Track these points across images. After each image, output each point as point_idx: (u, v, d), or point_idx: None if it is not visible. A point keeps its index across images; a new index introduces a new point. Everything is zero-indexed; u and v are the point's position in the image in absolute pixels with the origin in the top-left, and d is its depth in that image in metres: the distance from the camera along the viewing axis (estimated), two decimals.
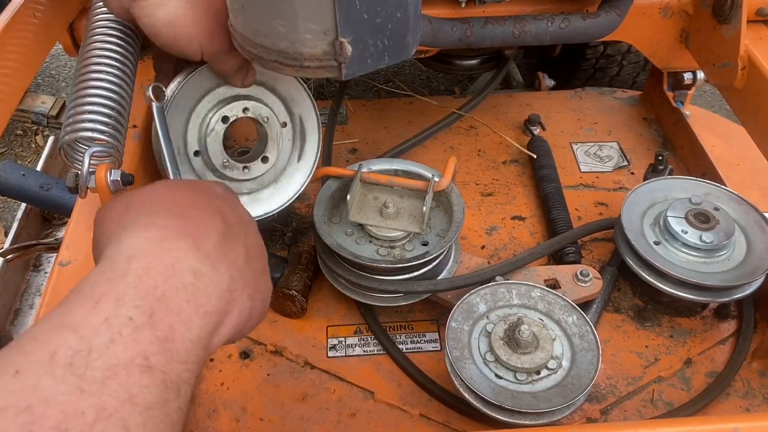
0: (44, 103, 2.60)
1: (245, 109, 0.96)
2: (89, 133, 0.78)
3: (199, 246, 0.54)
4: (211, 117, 0.95)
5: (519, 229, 1.31)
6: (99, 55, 0.85)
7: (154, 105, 0.82)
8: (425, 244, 1.11)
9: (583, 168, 1.45)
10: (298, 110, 1.03)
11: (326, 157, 1.38)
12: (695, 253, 1.08)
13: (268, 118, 0.99)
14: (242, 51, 0.77)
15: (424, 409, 1.03)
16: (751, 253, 1.09)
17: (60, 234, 1.43)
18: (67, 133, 0.78)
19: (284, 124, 1.02)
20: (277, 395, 1.04)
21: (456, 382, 0.94)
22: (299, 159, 1.06)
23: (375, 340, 1.12)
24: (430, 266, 1.08)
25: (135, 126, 1.08)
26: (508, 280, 1.08)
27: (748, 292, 1.06)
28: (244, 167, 1.00)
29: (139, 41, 0.92)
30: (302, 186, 1.06)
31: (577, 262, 1.19)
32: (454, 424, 1.01)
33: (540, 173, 1.39)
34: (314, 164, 1.07)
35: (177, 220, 0.56)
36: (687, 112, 1.47)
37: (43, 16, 1.06)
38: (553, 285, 1.10)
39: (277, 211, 1.05)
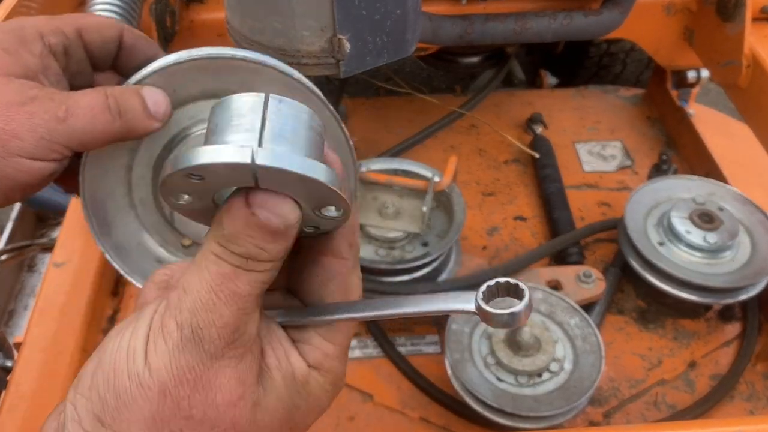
0: None
1: None
2: None
3: None
4: None
5: (521, 230, 1.29)
6: None
7: None
8: (425, 244, 1.09)
9: (586, 167, 1.43)
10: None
11: None
12: (699, 254, 1.07)
13: None
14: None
15: (423, 412, 1.01)
16: (755, 254, 1.07)
17: (55, 234, 1.41)
18: None
19: None
20: None
21: (456, 385, 0.93)
22: None
23: (374, 343, 1.10)
24: (430, 267, 1.07)
25: None
26: None
27: (752, 293, 1.05)
28: None
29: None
30: None
31: (580, 263, 1.18)
32: (454, 428, 0.99)
33: (542, 173, 1.37)
34: None
35: None
36: (691, 111, 1.46)
37: (37, 13, 1.05)
38: (556, 286, 1.09)
39: None
